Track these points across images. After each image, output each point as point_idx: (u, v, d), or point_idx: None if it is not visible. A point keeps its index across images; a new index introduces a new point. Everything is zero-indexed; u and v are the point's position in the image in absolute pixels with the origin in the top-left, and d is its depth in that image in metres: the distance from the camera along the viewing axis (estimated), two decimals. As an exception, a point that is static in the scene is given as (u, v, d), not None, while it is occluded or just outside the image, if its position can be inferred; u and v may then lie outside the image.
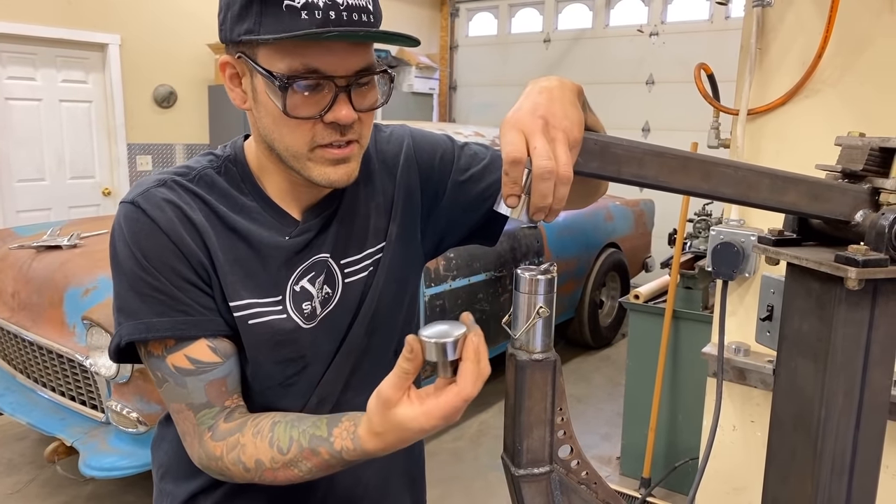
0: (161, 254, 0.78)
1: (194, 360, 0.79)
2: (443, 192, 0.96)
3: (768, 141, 1.52)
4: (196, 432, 0.81)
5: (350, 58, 0.75)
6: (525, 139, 0.60)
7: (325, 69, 0.73)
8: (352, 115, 0.76)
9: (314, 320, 0.87)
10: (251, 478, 0.78)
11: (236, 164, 0.87)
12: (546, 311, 0.76)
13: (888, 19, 1.34)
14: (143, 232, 0.78)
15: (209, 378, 0.80)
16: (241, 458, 0.77)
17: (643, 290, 2.95)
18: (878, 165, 0.81)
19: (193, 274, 0.79)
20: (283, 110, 0.74)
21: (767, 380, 1.54)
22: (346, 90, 0.75)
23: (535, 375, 0.76)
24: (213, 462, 0.80)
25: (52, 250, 2.64)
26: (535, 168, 0.59)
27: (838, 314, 0.80)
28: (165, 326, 0.78)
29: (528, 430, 0.77)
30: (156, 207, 0.79)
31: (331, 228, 0.88)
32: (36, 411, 2.46)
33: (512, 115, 0.62)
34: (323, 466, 0.76)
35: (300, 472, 0.76)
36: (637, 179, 0.73)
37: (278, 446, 0.76)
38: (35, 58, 4.58)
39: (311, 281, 0.86)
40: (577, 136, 0.62)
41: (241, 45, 0.76)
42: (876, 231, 0.77)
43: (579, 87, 0.69)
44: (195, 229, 0.80)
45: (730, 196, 0.77)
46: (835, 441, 0.83)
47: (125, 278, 0.79)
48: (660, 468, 2.87)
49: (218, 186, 0.84)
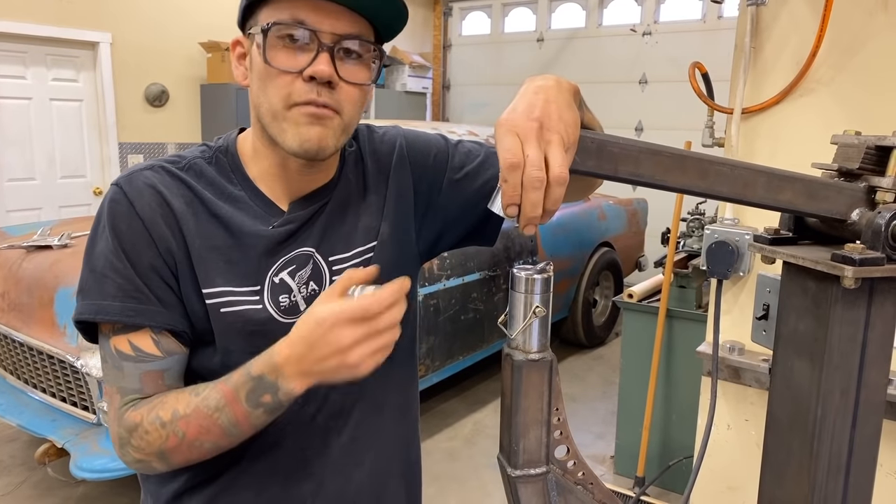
0: (132, 237, 0.79)
1: (136, 348, 0.79)
2: (437, 192, 0.96)
3: (763, 140, 1.52)
4: (117, 414, 0.79)
5: (339, 19, 0.77)
6: (521, 143, 0.59)
7: (310, 22, 0.76)
8: (330, 72, 0.76)
9: (295, 315, 0.85)
10: (166, 435, 0.74)
11: (227, 154, 0.88)
12: (542, 311, 0.76)
13: (881, 19, 1.34)
14: (120, 214, 0.80)
15: (146, 368, 0.79)
16: (160, 414, 0.75)
17: (637, 289, 2.95)
18: (874, 164, 0.81)
19: (160, 261, 0.80)
20: (262, 58, 0.76)
21: (762, 378, 1.55)
22: (330, 49, 0.76)
23: (531, 375, 0.76)
24: (133, 433, 0.76)
25: (42, 250, 2.61)
26: (525, 177, 0.59)
27: (835, 313, 0.80)
28: (114, 310, 0.78)
29: (524, 431, 0.77)
30: (136, 191, 0.81)
31: (318, 222, 0.87)
32: (27, 413, 2.44)
33: (507, 116, 0.61)
34: (231, 396, 0.72)
35: (208, 411, 0.73)
36: (633, 178, 0.72)
37: (195, 391, 0.76)
38: (25, 56, 4.54)
39: (291, 274, 0.85)
40: (572, 138, 0.62)
41: (248, 19, 0.80)
42: (872, 230, 0.76)
43: (576, 87, 0.68)
44: (172, 215, 0.81)
45: (726, 195, 0.77)
46: (831, 440, 0.82)
47: (92, 257, 0.81)
48: (654, 467, 2.87)
49: (206, 175, 0.85)
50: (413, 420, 1.04)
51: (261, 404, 0.72)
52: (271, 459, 0.88)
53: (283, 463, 0.88)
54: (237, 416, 0.73)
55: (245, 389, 0.72)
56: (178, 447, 0.75)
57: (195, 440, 0.75)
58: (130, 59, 4.98)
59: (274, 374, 0.71)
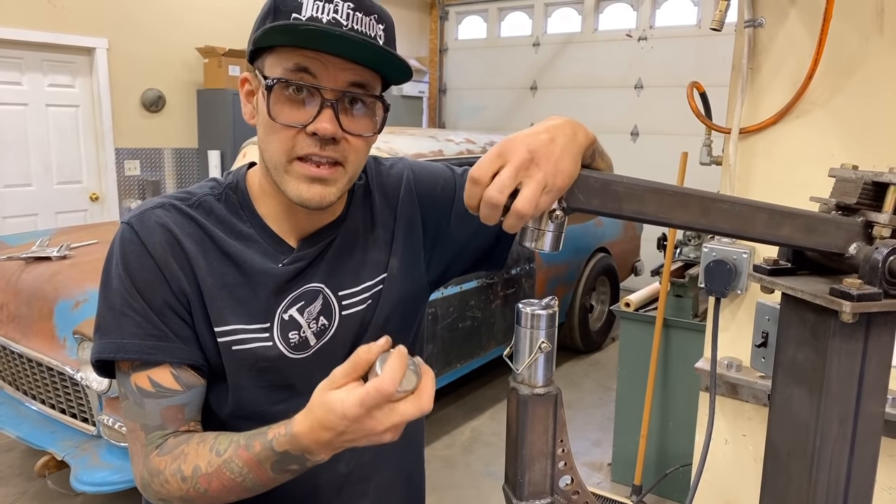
0: (145, 276, 0.80)
1: (156, 384, 0.80)
2: (446, 223, 0.97)
3: (759, 159, 1.54)
4: (142, 453, 0.80)
5: (343, 72, 0.77)
6: (500, 166, 0.61)
7: (315, 75, 0.76)
8: (333, 129, 0.76)
9: (306, 351, 0.86)
10: (186, 489, 0.76)
11: (237, 191, 0.88)
12: (548, 347, 0.77)
13: (877, 42, 1.36)
14: (133, 253, 0.81)
15: (167, 403, 0.80)
16: (181, 467, 0.76)
17: (634, 297, 2.97)
18: (871, 199, 0.83)
19: (174, 299, 0.81)
20: (267, 112, 0.76)
21: (759, 395, 1.56)
22: (334, 105, 0.76)
23: (537, 410, 0.77)
24: (155, 478, 0.78)
25: (41, 261, 2.61)
26: (484, 194, 0.62)
27: (833, 345, 0.82)
28: (134, 348, 0.79)
29: (529, 464, 0.78)
30: (148, 230, 0.81)
31: (326, 258, 0.88)
32: (26, 424, 2.44)
33: (510, 138, 0.63)
34: (254, 464, 0.72)
35: (232, 476, 0.73)
36: (638, 216, 0.74)
37: (217, 449, 0.75)
38: (21, 62, 4.53)
39: (300, 310, 0.86)
40: (559, 184, 0.63)
41: (256, 59, 0.80)
42: (870, 265, 0.78)
43: (592, 138, 0.69)
44: (184, 254, 0.81)
45: (727, 231, 0.78)
46: (829, 470, 0.84)
47: (108, 296, 0.81)
48: (651, 475, 2.89)
49: (216, 212, 0.86)
50: (418, 445, 1.06)
51: (288, 471, 0.73)
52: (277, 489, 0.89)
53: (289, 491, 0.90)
54: (262, 479, 0.74)
55: (269, 462, 0.72)
56: (202, 497, 0.76)
57: (218, 496, 0.76)
58: (127, 64, 4.98)
59: (299, 451, 0.71)
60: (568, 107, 6.62)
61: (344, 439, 0.68)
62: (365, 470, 0.94)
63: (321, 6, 0.75)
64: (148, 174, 5.24)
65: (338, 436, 0.68)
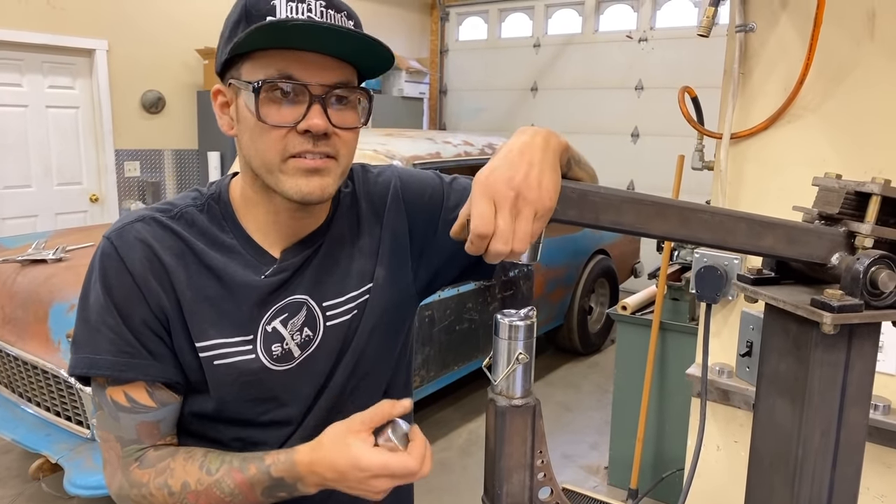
0: (122, 293, 0.80)
1: (131, 399, 0.81)
2: (433, 231, 0.96)
3: (751, 164, 1.53)
4: (120, 464, 0.81)
5: (326, 70, 0.78)
6: (494, 210, 0.61)
7: (299, 76, 0.76)
8: (325, 125, 0.77)
9: (289, 362, 0.86)
10: (172, 503, 0.78)
11: (219, 202, 0.88)
12: (525, 358, 0.76)
13: (868, 48, 1.35)
14: (112, 269, 0.81)
15: (142, 419, 0.81)
16: (168, 482, 0.78)
17: (631, 300, 2.97)
18: (853, 209, 0.82)
19: (151, 316, 0.80)
20: (256, 115, 0.76)
21: (750, 401, 1.56)
22: (321, 101, 0.77)
23: (514, 421, 0.77)
24: (136, 489, 0.79)
25: (37, 264, 2.62)
26: (490, 247, 0.63)
27: (815, 355, 0.81)
28: (106, 364, 0.79)
29: (507, 475, 0.78)
30: (127, 246, 0.81)
31: (310, 268, 0.87)
32: (21, 427, 2.45)
33: (487, 176, 0.62)
34: (246, 486, 0.75)
35: (221, 495, 0.76)
36: (615, 226, 0.73)
37: (208, 468, 0.77)
38: (21, 64, 4.54)
39: (283, 322, 0.85)
40: (548, 205, 0.63)
41: (229, 69, 0.80)
42: (851, 276, 0.77)
43: (565, 144, 0.69)
44: (163, 269, 0.81)
45: (708, 241, 0.78)
46: (812, 480, 0.84)
47: (85, 310, 0.82)
48: (647, 478, 2.88)
49: (198, 224, 0.85)
50: None
51: (276, 497, 0.76)
52: None
53: None
54: (250, 501, 0.77)
55: (262, 486, 0.75)
56: None
57: None
58: (127, 66, 4.98)
59: (293, 479, 0.75)
60: (568, 108, 6.62)
61: (342, 484, 0.73)
62: None
63: (294, 6, 0.76)
64: (148, 175, 5.25)
65: (340, 479, 0.72)
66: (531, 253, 0.70)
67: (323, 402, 0.88)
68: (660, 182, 5.71)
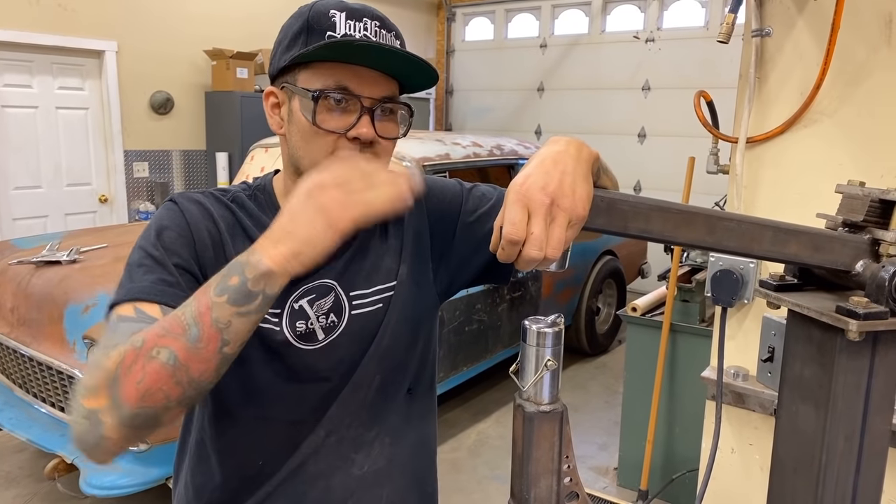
0: (174, 233, 0.85)
1: (140, 311, 0.77)
2: (452, 235, 1.00)
3: (766, 168, 1.54)
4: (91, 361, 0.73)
5: (376, 84, 0.86)
6: (527, 216, 0.62)
7: (353, 89, 0.84)
8: (372, 134, 0.85)
9: (313, 343, 0.89)
10: (124, 351, 0.67)
11: (264, 192, 0.96)
12: (554, 364, 0.77)
13: (885, 54, 1.36)
14: (169, 216, 0.87)
15: (141, 328, 0.72)
16: (141, 335, 0.68)
17: (640, 302, 2.97)
18: (878, 216, 0.83)
19: (194, 263, 0.85)
20: (312, 121, 0.83)
21: (766, 404, 1.56)
22: (371, 112, 0.85)
23: (543, 427, 0.78)
24: (106, 359, 0.68)
25: (51, 265, 2.63)
26: (523, 252, 0.63)
27: (839, 362, 0.82)
28: (143, 290, 0.78)
29: (535, 480, 0.79)
30: (188, 202, 0.89)
31: (341, 259, 0.93)
32: (36, 427, 2.46)
33: (521, 184, 0.63)
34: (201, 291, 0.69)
35: (176, 313, 0.69)
36: (643, 234, 0.74)
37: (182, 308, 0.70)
38: (31, 65, 4.56)
39: (310, 302, 0.89)
40: (581, 213, 0.64)
41: (285, 74, 0.87)
42: (876, 283, 0.78)
43: (595, 154, 0.71)
44: (217, 231, 0.88)
45: (733, 249, 0.79)
46: (835, 486, 0.84)
47: (130, 260, 0.84)
48: (657, 480, 2.89)
49: (247, 207, 0.93)
50: (431, 453, 1.07)
51: (227, 289, 0.68)
52: (291, 491, 0.91)
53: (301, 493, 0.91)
54: (200, 308, 0.68)
55: (217, 278, 0.69)
56: (132, 366, 0.67)
57: (151, 349, 0.67)
58: (136, 67, 5.00)
59: (247, 254, 0.70)
60: (574, 108, 6.62)
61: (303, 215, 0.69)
62: (378, 476, 0.96)
63: (353, 24, 0.85)
64: (156, 176, 5.27)
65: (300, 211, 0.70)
66: (561, 260, 0.71)
67: (347, 394, 0.91)
68: (666, 183, 5.71)
